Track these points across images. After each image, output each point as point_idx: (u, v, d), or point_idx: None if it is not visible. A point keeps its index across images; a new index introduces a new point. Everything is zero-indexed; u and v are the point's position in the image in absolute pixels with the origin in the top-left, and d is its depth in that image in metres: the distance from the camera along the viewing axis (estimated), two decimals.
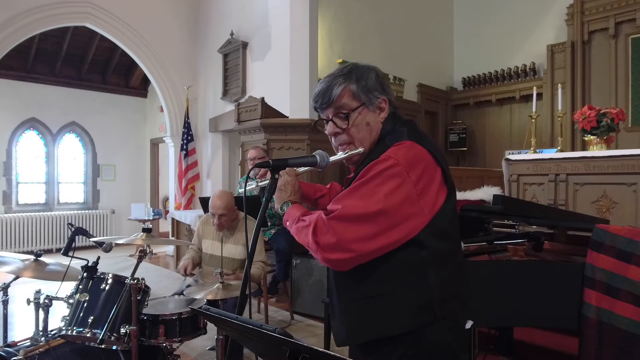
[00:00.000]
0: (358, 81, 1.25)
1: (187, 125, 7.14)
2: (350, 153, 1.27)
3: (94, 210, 9.04)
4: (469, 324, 1.27)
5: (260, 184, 1.38)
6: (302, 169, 1.37)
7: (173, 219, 6.61)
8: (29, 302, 2.22)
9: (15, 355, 2.01)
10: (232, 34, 6.65)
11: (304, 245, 1.19)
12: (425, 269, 1.16)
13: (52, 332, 2.18)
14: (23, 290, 2.64)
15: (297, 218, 1.22)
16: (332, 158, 1.33)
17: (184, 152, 7.11)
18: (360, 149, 1.26)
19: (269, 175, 1.35)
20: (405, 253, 1.15)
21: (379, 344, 1.20)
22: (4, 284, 2.35)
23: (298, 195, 1.34)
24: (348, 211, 1.11)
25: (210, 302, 2.32)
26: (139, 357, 2.08)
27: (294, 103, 5.68)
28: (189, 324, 2.27)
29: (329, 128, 1.30)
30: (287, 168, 1.33)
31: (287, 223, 1.27)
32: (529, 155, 4.20)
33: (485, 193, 3.26)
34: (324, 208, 1.49)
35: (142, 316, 2.16)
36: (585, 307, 2.06)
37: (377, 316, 1.19)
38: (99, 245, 2.41)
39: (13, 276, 2.30)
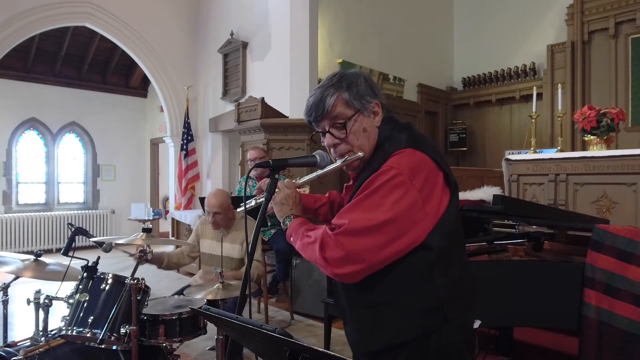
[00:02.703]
0: (349, 88, 1.24)
1: (187, 125, 7.14)
2: (349, 159, 1.25)
3: (94, 210, 9.04)
4: (477, 324, 1.27)
5: (258, 201, 1.37)
6: (301, 180, 1.36)
7: (173, 219, 6.61)
8: (29, 302, 2.22)
9: (15, 355, 2.01)
10: (232, 34, 6.65)
11: (311, 261, 1.18)
12: (433, 271, 1.16)
13: (52, 332, 2.17)
14: (23, 290, 2.64)
15: (301, 234, 1.21)
16: (331, 166, 1.31)
17: (184, 152, 7.11)
18: (360, 154, 1.25)
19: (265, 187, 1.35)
20: (412, 258, 1.15)
21: (385, 348, 1.20)
22: (4, 284, 2.35)
23: (299, 207, 1.33)
24: (355, 224, 1.11)
25: (210, 302, 2.32)
26: (139, 357, 2.08)
27: (294, 103, 5.68)
28: (189, 324, 2.27)
29: (327, 140, 1.28)
30: (286, 181, 1.33)
31: (291, 239, 1.26)
32: (529, 155, 4.20)
33: (485, 193, 3.27)
34: (325, 217, 1.49)
35: (142, 316, 2.16)
36: (585, 307, 2.06)
37: (388, 323, 1.19)
38: (99, 245, 2.41)
39: (13, 276, 2.30)
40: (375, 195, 1.13)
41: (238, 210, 1.45)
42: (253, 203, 1.39)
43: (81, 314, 2.06)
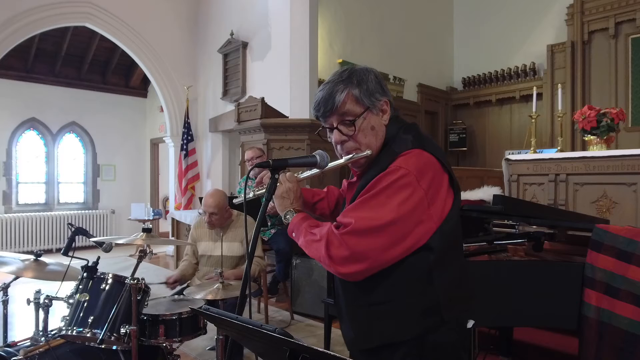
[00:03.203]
0: (359, 85, 1.22)
1: (187, 125, 7.14)
2: (356, 156, 1.24)
3: (94, 210, 9.04)
4: (470, 324, 1.27)
5: (257, 192, 1.36)
6: (303, 174, 1.35)
7: (173, 219, 6.61)
8: (29, 302, 2.22)
9: (15, 355, 2.01)
10: (232, 34, 6.65)
11: (315, 259, 1.18)
12: (432, 272, 1.17)
13: (52, 332, 2.18)
14: (23, 290, 2.64)
15: (304, 230, 1.20)
16: (336, 162, 1.30)
17: (184, 152, 7.11)
18: (368, 152, 1.23)
19: (265, 179, 1.34)
20: (413, 258, 1.15)
21: (382, 346, 1.20)
22: (4, 284, 2.35)
23: (300, 202, 1.32)
24: (360, 224, 1.10)
25: (210, 302, 2.32)
26: (139, 357, 2.08)
27: (294, 103, 5.68)
28: (189, 324, 2.27)
29: (335, 136, 1.26)
30: (287, 174, 1.31)
31: (293, 234, 1.25)
32: (529, 155, 4.20)
33: (485, 193, 3.26)
34: (321, 212, 1.48)
35: (142, 316, 2.16)
36: (585, 307, 2.06)
37: (385, 322, 1.19)
38: (99, 245, 2.41)
39: (13, 276, 2.30)
40: (382, 195, 1.12)
41: (235, 201, 1.44)
42: (252, 195, 1.38)
43: (81, 314, 2.06)
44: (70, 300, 2.13)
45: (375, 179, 1.15)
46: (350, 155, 1.25)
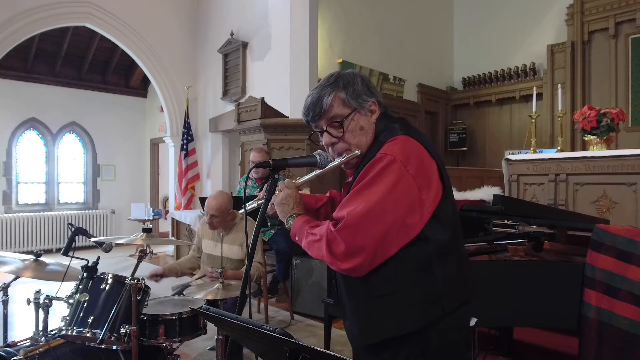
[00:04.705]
0: (346, 88, 1.26)
1: (187, 125, 7.14)
2: (347, 157, 1.27)
3: (94, 210, 9.04)
4: (473, 321, 1.28)
5: (259, 202, 1.38)
6: (301, 180, 1.36)
7: (173, 219, 6.61)
8: (29, 302, 2.22)
9: (15, 355, 2.01)
10: (232, 34, 6.65)
11: (319, 259, 1.19)
12: (432, 262, 1.17)
13: (52, 332, 2.17)
14: (23, 290, 2.64)
15: (306, 232, 1.22)
16: (330, 164, 1.33)
17: (184, 152, 7.11)
18: (357, 151, 1.26)
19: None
20: (411, 249, 1.15)
21: (385, 345, 1.21)
22: (4, 284, 2.35)
23: (301, 206, 1.33)
24: (353, 216, 1.12)
25: (210, 302, 2.32)
26: (139, 357, 2.07)
27: (294, 103, 5.68)
28: (189, 324, 2.27)
29: (325, 139, 1.29)
30: (286, 181, 1.34)
31: (296, 238, 1.26)
32: (529, 155, 4.20)
33: (485, 193, 3.27)
34: (326, 217, 1.49)
35: (142, 316, 2.16)
36: (585, 307, 2.06)
37: (387, 314, 1.19)
38: (99, 245, 2.41)
39: (13, 276, 2.30)
40: (371, 185, 1.14)
41: (248, 209, 1.45)
42: (255, 205, 1.39)
43: (81, 314, 2.06)
44: (70, 300, 2.13)
45: (365, 168, 1.17)
46: (342, 157, 1.28)
